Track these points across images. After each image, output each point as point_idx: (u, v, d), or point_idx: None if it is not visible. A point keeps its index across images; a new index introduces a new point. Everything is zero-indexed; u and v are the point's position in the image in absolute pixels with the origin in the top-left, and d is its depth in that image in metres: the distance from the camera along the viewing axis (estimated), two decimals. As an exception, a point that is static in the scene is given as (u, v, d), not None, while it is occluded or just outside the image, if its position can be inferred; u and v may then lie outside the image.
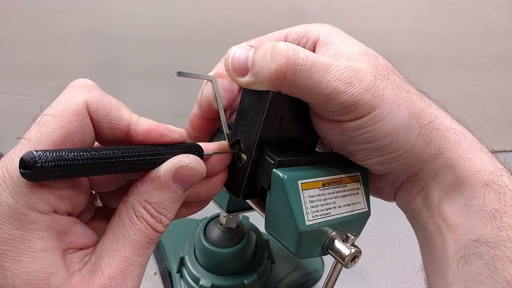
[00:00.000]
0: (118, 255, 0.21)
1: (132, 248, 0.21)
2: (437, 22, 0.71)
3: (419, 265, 0.31)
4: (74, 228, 0.21)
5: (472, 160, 0.26)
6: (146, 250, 0.22)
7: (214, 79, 0.29)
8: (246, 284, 0.46)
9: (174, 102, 0.70)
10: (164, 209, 0.23)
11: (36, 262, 0.19)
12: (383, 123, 0.25)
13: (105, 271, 0.20)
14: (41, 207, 0.19)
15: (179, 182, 0.23)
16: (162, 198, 0.22)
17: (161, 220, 0.23)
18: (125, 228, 0.22)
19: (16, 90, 0.66)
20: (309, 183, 0.26)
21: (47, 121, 0.20)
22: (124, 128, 0.22)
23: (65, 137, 0.20)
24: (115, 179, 0.25)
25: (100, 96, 0.22)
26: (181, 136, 0.24)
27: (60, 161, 0.18)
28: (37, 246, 0.19)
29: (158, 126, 0.23)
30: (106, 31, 0.63)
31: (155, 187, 0.22)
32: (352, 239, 0.26)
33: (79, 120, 0.21)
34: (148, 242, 0.22)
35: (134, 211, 0.22)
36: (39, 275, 0.19)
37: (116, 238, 0.21)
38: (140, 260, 0.22)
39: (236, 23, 0.65)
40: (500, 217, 0.24)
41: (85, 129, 0.21)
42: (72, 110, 0.20)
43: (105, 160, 0.20)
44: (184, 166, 0.23)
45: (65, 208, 0.21)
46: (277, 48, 0.24)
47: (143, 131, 0.23)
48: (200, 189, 0.27)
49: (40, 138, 0.19)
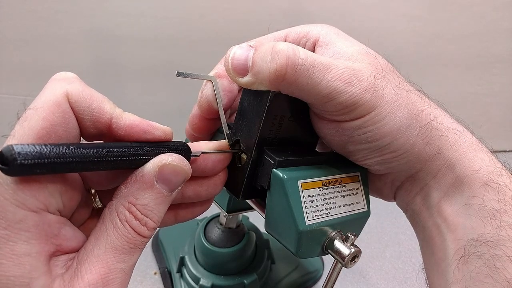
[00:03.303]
0: (99, 261, 0.20)
1: (114, 254, 0.21)
2: (437, 22, 0.71)
3: (419, 265, 0.31)
4: (64, 230, 0.21)
5: (471, 159, 0.26)
6: (130, 256, 0.21)
7: (214, 79, 0.29)
8: (246, 284, 0.46)
9: (174, 102, 0.70)
10: (150, 211, 0.22)
11: (18, 267, 0.18)
12: (383, 123, 0.25)
13: (85, 278, 0.20)
14: (30, 203, 0.19)
15: (163, 182, 0.22)
16: (147, 199, 0.22)
17: (147, 223, 0.22)
18: (107, 233, 0.21)
19: (16, 90, 0.66)
20: (309, 183, 0.26)
21: (29, 115, 0.20)
22: (106, 122, 0.22)
23: (48, 128, 0.20)
24: (112, 176, 0.24)
25: (82, 88, 0.21)
26: (165, 134, 0.24)
27: (40, 157, 0.18)
28: (21, 249, 0.18)
29: (141, 122, 0.23)
30: (106, 31, 0.63)
31: (139, 187, 0.22)
32: (352, 239, 0.26)
33: (61, 111, 0.20)
34: (131, 248, 0.21)
35: (117, 214, 0.21)
36: (20, 280, 0.18)
37: (98, 243, 0.21)
38: (123, 267, 0.21)
39: (236, 23, 0.65)
40: (500, 217, 0.24)
41: (68, 120, 0.21)
42: (52, 101, 0.20)
43: (88, 158, 0.20)
44: (167, 164, 0.22)
45: (56, 204, 0.20)
46: (277, 48, 0.24)
47: (125, 125, 0.22)
48: (200, 189, 0.27)
49: (23, 133, 0.19)
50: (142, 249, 0.22)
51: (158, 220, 0.22)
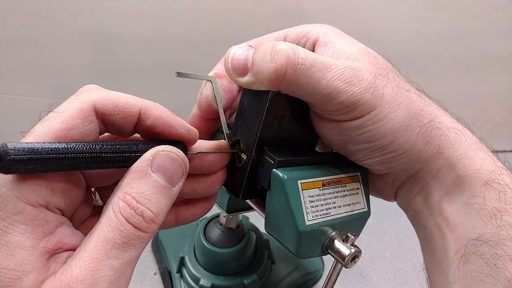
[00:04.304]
0: (89, 256, 0.19)
1: (105, 248, 0.19)
2: (437, 22, 0.71)
3: (419, 265, 0.31)
4: (61, 229, 0.21)
5: (472, 159, 0.26)
6: (122, 252, 0.19)
7: (214, 79, 0.29)
8: (246, 284, 0.46)
9: (174, 102, 0.69)
10: (147, 200, 0.20)
11: (10, 259, 0.18)
12: (383, 123, 0.25)
13: (73, 273, 0.19)
14: (31, 197, 0.19)
15: (159, 170, 0.21)
16: (143, 188, 0.20)
17: (143, 212, 0.20)
18: (100, 226, 0.20)
19: (16, 90, 0.66)
20: (309, 183, 0.26)
21: (51, 117, 0.21)
22: (136, 114, 0.23)
23: (66, 131, 0.20)
24: (112, 172, 0.25)
25: (105, 93, 0.23)
26: (188, 133, 0.24)
27: (32, 154, 0.18)
28: (15, 241, 0.18)
29: (168, 116, 0.24)
30: (106, 31, 0.63)
31: (134, 177, 0.21)
32: (352, 239, 0.26)
33: (83, 116, 0.21)
34: (124, 243, 0.19)
35: (112, 207, 0.20)
36: (12, 273, 0.18)
37: (91, 238, 0.20)
38: (114, 264, 0.19)
39: (236, 23, 0.65)
40: (501, 216, 0.24)
41: (86, 126, 0.21)
42: (76, 108, 0.21)
43: (80, 154, 0.20)
44: (160, 151, 0.22)
45: (58, 203, 0.20)
46: (276, 48, 0.24)
47: (153, 116, 0.23)
48: (197, 186, 0.27)
49: (41, 132, 0.20)
50: (138, 247, 0.20)
51: (158, 212, 0.21)
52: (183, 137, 0.24)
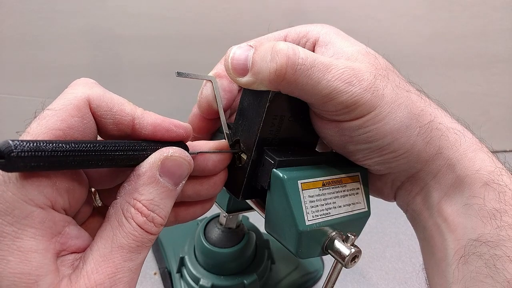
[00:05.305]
0: (105, 260, 0.20)
1: (121, 253, 0.20)
2: (437, 22, 0.71)
3: (419, 265, 0.31)
4: (68, 229, 0.20)
5: (472, 159, 0.26)
6: (137, 254, 0.21)
7: (214, 79, 0.29)
8: (246, 284, 0.46)
9: (174, 102, 0.70)
10: (156, 206, 0.21)
11: (25, 263, 0.18)
12: (383, 123, 0.25)
13: (91, 278, 0.19)
14: (38, 199, 0.19)
15: (167, 175, 0.22)
16: (153, 194, 0.21)
17: (154, 219, 0.21)
18: (113, 232, 0.20)
19: (16, 90, 0.66)
20: (309, 183, 0.26)
21: (48, 115, 0.20)
22: (129, 123, 0.22)
23: (65, 130, 0.20)
24: (114, 175, 0.24)
25: (102, 92, 0.22)
26: (186, 131, 0.24)
27: (37, 151, 0.18)
28: (28, 246, 0.18)
29: (163, 120, 0.23)
30: (106, 31, 0.63)
31: (143, 183, 0.21)
32: (352, 239, 0.26)
33: (80, 115, 0.21)
34: (138, 246, 0.21)
35: (123, 212, 0.21)
36: (28, 277, 0.18)
37: (104, 242, 0.20)
38: (131, 266, 0.20)
39: (236, 23, 0.65)
40: (500, 217, 0.24)
41: (86, 124, 0.21)
42: (73, 105, 0.20)
43: (85, 152, 0.19)
44: (169, 157, 0.22)
45: (63, 203, 0.20)
46: (277, 48, 0.24)
47: (149, 124, 0.23)
48: (201, 188, 0.27)
49: (40, 131, 0.19)
50: (149, 247, 0.22)
51: (165, 215, 0.22)
52: (183, 137, 0.24)
